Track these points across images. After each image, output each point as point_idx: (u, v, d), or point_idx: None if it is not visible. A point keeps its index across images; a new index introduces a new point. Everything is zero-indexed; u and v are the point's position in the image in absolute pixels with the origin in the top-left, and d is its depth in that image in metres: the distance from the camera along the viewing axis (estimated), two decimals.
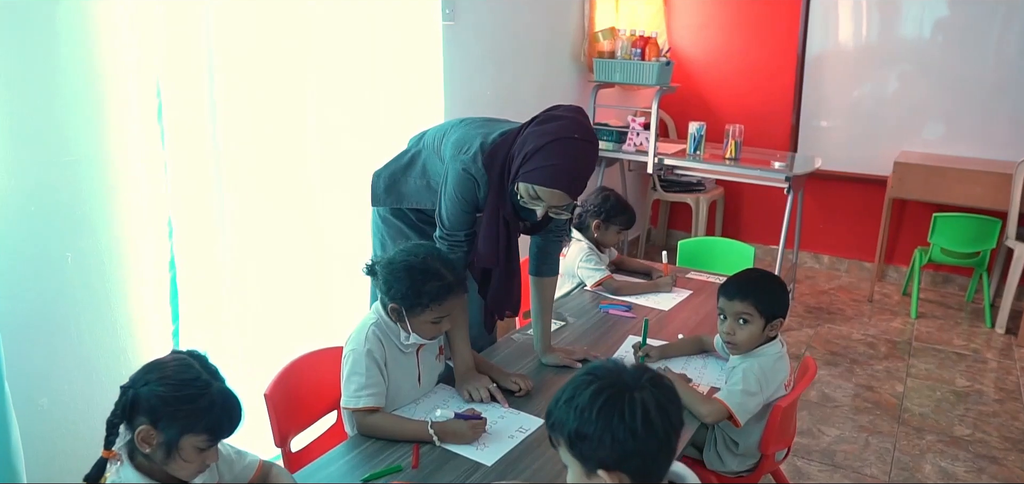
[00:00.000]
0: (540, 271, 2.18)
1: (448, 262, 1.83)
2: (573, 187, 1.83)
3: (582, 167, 1.84)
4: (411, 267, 1.78)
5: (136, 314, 2.06)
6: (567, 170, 1.80)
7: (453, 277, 1.80)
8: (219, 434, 1.38)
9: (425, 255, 1.80)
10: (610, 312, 2.62)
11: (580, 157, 1.82)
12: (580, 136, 1.82)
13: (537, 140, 1.81)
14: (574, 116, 1.88)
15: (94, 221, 1.94)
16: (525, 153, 1.83)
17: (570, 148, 1.81)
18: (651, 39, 4.27)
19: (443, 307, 1.79)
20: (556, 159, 1.79)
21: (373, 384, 1.80)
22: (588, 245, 2.89)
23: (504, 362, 2.20)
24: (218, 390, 1.35)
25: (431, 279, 1.77)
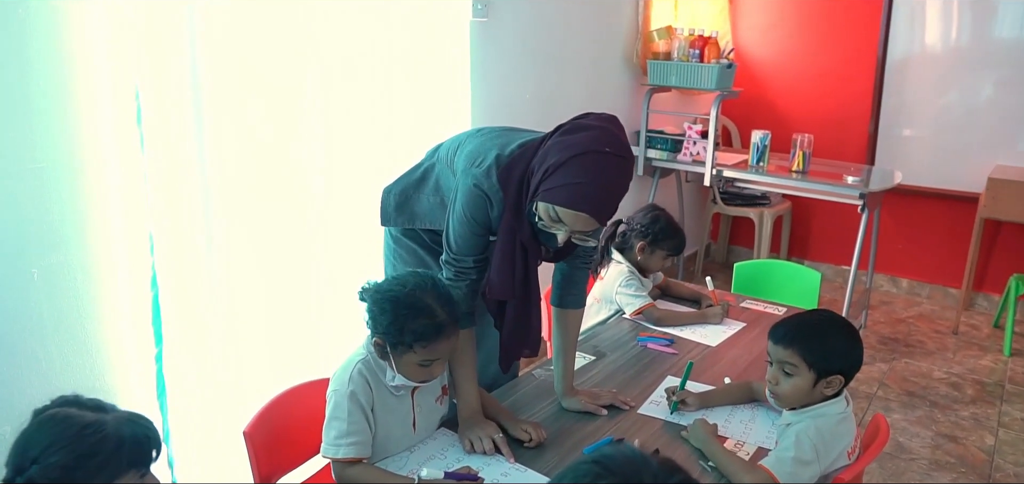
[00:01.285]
0: (563, 302, 1.90)
1: (444, 296, 1.57)
2: (600, 210, 1.55)
3: (612, 187, 1.56)
4: (396, 299, 1.53)
5: (113, 337, 1.88)
6: (594, 190, 1.52)
7: (445, 316, 1.55)
8: (145, 461, 1.18)
9: (416, 286, 1.55)
10: (649, 346, 2.31)
11: (610, 175, 1.54)
12: (612, 150, 1.54)
13: (560, 153, 1.54)
14: (606, 126, 1.59)
15: (64, 234, 1.76)
16: (546, 168, 1.55)
17: (599, 164, 1.52)
18: (711, 39, 3.92)
19: (431, 349, 1.54)
20: (581, 176, 1.52)
21: (356, 431, 1.57)
22: (628, 268, 2.59)
23: (520, 403, 1.93)
24: (115, 420, 1.16)
25: (418, 316, 1.52)
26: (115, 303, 1.87)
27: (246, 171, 2.08)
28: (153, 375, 1.96)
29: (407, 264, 2.02)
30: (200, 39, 1.91)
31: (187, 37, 1.88)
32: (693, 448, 1.72)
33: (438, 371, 1.61)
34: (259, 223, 2.14)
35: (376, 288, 1.56)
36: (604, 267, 2.65)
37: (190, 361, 2.01)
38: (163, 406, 1.98)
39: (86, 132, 1.76)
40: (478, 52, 2.91)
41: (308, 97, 2.20)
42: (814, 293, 2.82)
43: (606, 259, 2.66)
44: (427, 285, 1.56)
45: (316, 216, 2.29)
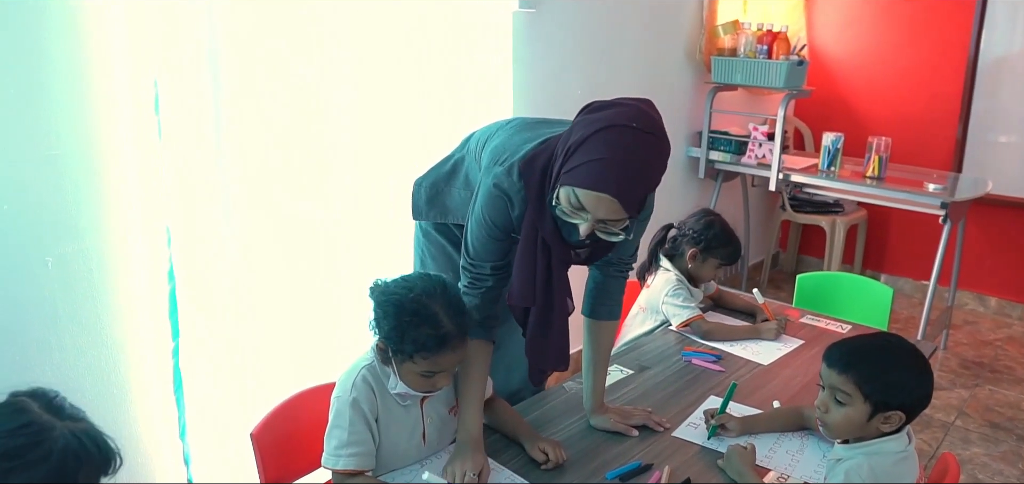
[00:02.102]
0: (596, 312, 1.74)
1: (452, 304, 1.44)
2: (625, 192, 1.34)
3: (640, 166, 1.36)
4: (400, 303, 1.42)
5: (129, 329, 1.84)
6: (617, 169, 1.33)
7: (452, 326, 1.42)
8: (72, 480, 1.10)
9: (423, 291, 1.44)
10: (693, 361, 2.14)
11: (638, 153, 1.35)
12: (640, 126, 1.36)
13: (582, 130, 1.38)
14: (635, 104, 1.42)
15: (80, 223, 1.72)
16: (568, 148, 1.40)
17: (623, 140, 1.34)
18: (780, 34, 3.67)
19: (433, 361, 1.43)
20: (603, 152, 1.34)
21: (358, 441, 1.46)
22: (677, 276, 2.41)
23: (545, 418, 1.79)
24: (66, 431, 1.08)
25: (421, 324, 1.40)
26: (131, 295, 1.83)
27: (268, 163, 2.01)
28: (170, 370, 1.91)
29: (436, 260, 1.91)
30: (221, 27, 1.85)
31: (207, 25, 1.82)
32: (728, 479, 1.55)
33: (443, 383, 1.49)
34: (281, 217, 2.07)
35: (383, 288, 1.45)
36: (651, 274, 2.49)
37: (208, 357, 1.96)
38: (180, 401, 1.94)
39: (103, 120, 1.72)
40: (523, 45, 2.77)
41: (336, 88, 2.12)
42: (884, 311, 2.57)
43: (654, 266, 2.49)
44: (436, 290, 1.44)
45: (342, 211, 2.21)
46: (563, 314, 1.62)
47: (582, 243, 1.48)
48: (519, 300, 1.56)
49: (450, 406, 1.62)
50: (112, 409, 1.84)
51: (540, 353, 1.65)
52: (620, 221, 1.41)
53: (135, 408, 1.88)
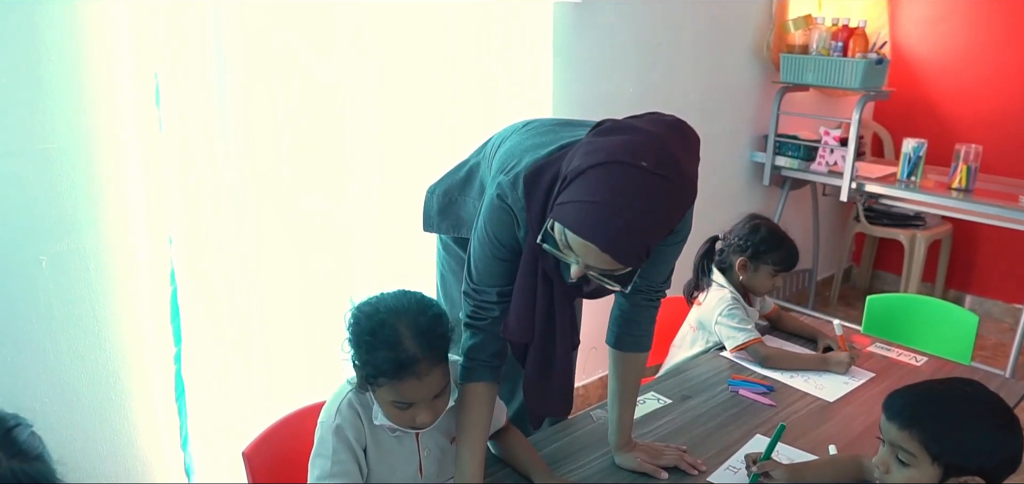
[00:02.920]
0: (622, 343, 1.53)
1: (423, 328, 1.25)
2: (619, 244, 1.13)
3: (642, 216, 1.13)
4: (360, 322, 1.27)
5: (130, 333, 1.75)
6: (610, 217, 1.12)
7: (417, 351, 1.23)
8: None
9: (389, 309, 1.27)
10: (741, 392, 1.91)
11: (640, 199, 1.12)
12: (650, 165, 1.12)
13: (583, 158, 1.18)
14: (657, 131, 1.18)
15: (76, 219, 1.64)
16: (566, 175, 1.21)
17: (625, 182, 1.12)
18: (857, 30, 3.35)
19: (400, 390, 1.26)
20: (597, 194, 1.13)
21: (342, 473, 1.32)
22: (732, 294, 2.17)
23: (565, 451, 1.61)
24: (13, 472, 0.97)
25: (379, 346, 1.23)
26: (132, 297, 1.74)
27: (277, 162, 1.89)
28: (172, 377, 1.81)
29: (457, 276, 1.73)
30: (227, 17, 1.73)
31: (212, 15, 1.71)
32: None
33: (425, 419, 1.31)
34: (289, 218, 1.95)
35: (361, 306, 1.30)
36: (702, 291, 2.25)
37: (211, 364, 1.85)
38: (182, 410, 1.84)
39: (101, 113, 1.63)
40: (566, 38, 2.57)
41: (353, 83, 1.98)
42: (968, 340, 2.27)
43: (705, 281, 2.26)
44: (408, 308, 1.27)
45: (357, 215, 2.07)
46: (567, 353, 1.41)
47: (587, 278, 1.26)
48: (515, 334, 1.37)
49: (452, 436, 1.46)
50: (112, 416, 1.75)
51: (539, 397, 1.45)
52: (615, 270, 1.19)
53: (136, 415, 1.79)
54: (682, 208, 1.18)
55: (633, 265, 1.18)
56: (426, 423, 1.31)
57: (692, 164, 1.20)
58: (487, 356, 1.40)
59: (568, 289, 1.32)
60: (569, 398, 1.47)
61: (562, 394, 1.44)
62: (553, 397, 1.43)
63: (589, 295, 1.37)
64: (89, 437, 1.72)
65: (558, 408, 1.46)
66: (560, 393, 1.43)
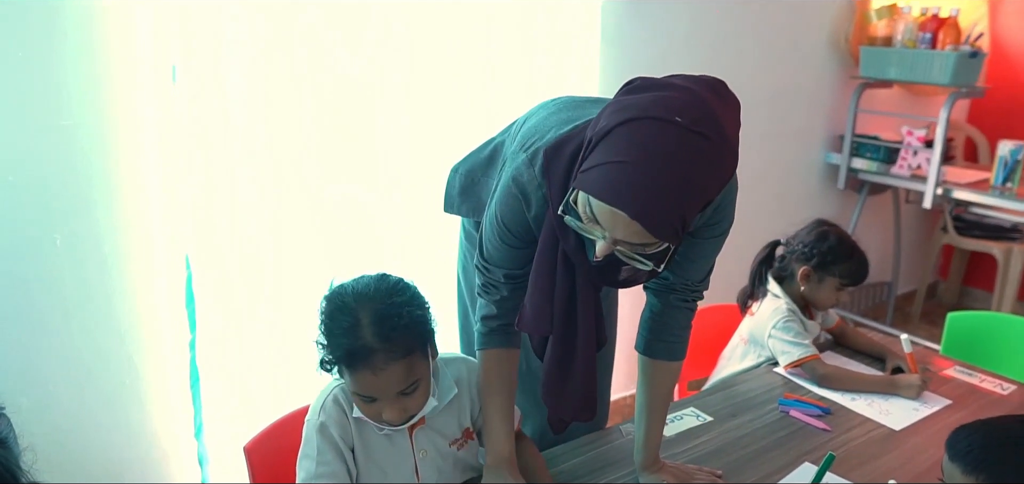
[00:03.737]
0: (651, 349, 1.37)
1: (384, 315, 1.13)
2: (651, 211, 0.97)
3: (678, 179, 0.98)
4: (330, 302, 1.17)
5: (144, 317, 1.72)
6: (641, 178, 0.97)
7: (373, 340, 1.12)
8: None
9: (356, 292, 1.16)
10: (792, 413, 1.71)
11: (676, 159, 0.97)
12: (686, 122, 0.97)
13: (610, 117, 1.03)
14: (690, 88, 1.03)
15: (91, 200, 1.61)
16: (590, 139, 1.06)
17: (657, 139, 0.97)
18: (949, 20, 3.05)
19: (356, 382, 1.15)
20: (625, 153, 0.98)
21: (328, 474, 1.22)
22: (788, 306, 1.97)
23: (584, 468, 1.47)
24: None
25: (338, 332, 1.13)
26: (146, 281, 1.71)
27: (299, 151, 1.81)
28: (187, 364, 1.77)
29: None
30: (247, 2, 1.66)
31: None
32: None
33: (390, 417, 1.18)
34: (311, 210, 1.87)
35: (331, 289, 1.20)
36: (756, 301, 2.06)
37: (226, 353, 1.80)
38: (196, 398, 1.79)
39: (119, 90, 1.59)
40: (616, 25, 2.41)
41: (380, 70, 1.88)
42: None
43: (759, 290, 2.07)
44: (375, 294, 1.16)
45: (382, 202, 1.97)
46: (589, 350, 1.26)
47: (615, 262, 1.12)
48: (531, 327, 1.24)
49: (452, 439, 1.34)
50: (125, 401, 1.72)
51: (558, 397, 1.31)
52: (647, 245, 1.04)
53: (150, 402, 1.76)
54: (723, 175, 1.03)
55: (668, 238, 1.02)
56: (393, 421, 1.20)
57: (733, 128, 1.04)
58: (499, 323, 1.30)
59: (593, 276, 1.17)
60: (592, 401, 1.32)
61: (583, 397, 1.30)
62: (573, 399, 1.29)
63: (619, 283, 1.21)
64: (102, 421, 1.70)
65: (579, 412, 1.32)
66: (581, 395, 1.29)
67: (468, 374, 1.36)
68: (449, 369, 1.34)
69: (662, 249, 1.06)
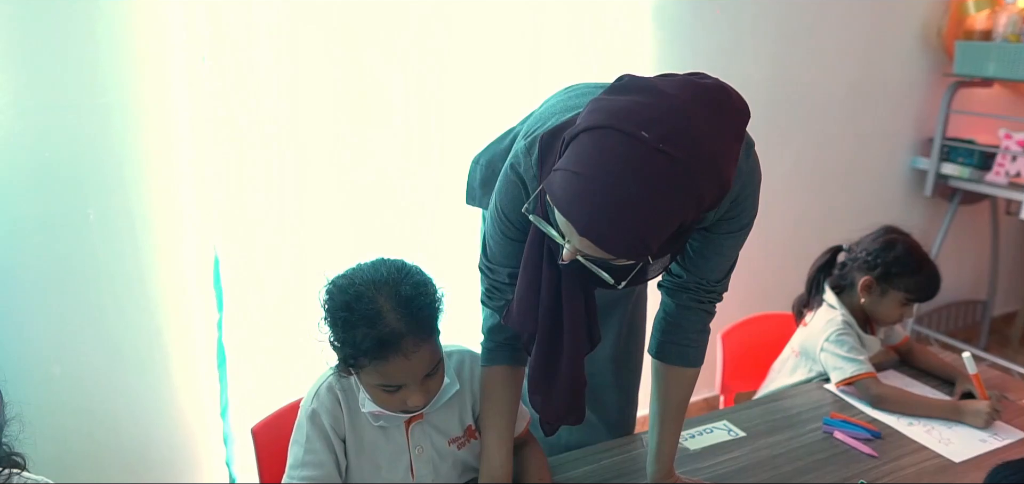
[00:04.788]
0: (664, 353, 1.27)
1: (406, 297, 1.09)
2: (597, 230, 0.90)
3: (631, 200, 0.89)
4: (334, 296, 1.12)
5: (174, 294, 1.75)
6: (593, 195, 0.89)
7: (400, 324, 1.08)
8: None
9: (367, 280, 1.11)
10: (836, 434, 1.57)
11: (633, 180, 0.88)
12: (652, 138, 0.87)
13: (583, 118, 0.96)
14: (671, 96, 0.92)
15: (124, 177, 1.65)
16: (565, 138, 0.99)
17: (615, 155, 0.88)
18: None
19: (385, 372, 1.10)
20: (584, 165, 0.91)
21: (315, 462, 1.19)
22: (844, 317, 1.81)
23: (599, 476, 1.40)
24: None
25: (358, 323, 1.08)
26: (175, 259, 1.74)
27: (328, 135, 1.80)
28: (214, 342, 1.79)
29: None
30: None
31: None
32: None
33: (417, 401, 1.14)
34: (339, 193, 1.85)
35: (333, 278, 1.16)
36: (811, 311, 1.91)
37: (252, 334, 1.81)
38: (223, 377, 1.81)
39: (153, 70, 1.62)
40: (674, 15, 2.29)
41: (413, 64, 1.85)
42: None
43: (815, 299, 1.92)
44: (387, 277, 1.11)
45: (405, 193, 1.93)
46: (576, 351, 1.17)
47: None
48: (517, 323, 1.17)
49: (451, 437, 1.28)
50: (155, 375, 1.76)
51: (544, 396, 1.23)
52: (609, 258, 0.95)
53: (177, 377, 1.79)
54: (694, 198, 0.91)
55: (624, 256, 0.94)
56: (419, 405, 1.15)
57: (722, 143, 0.93)
58: (505, 337, 1.24)
59: (581, 277, 1.09)
60: (578, 404, 1.23)
61: (568, 400, 1.21)
62: (559, 401, 1.21)
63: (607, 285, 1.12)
64: (133, 394, 1.74)
65: (565, 414, 1.24)
66: (568, 397, 1.21)
67: (471, 367, 1.31)
68: (451, 361, 1.29)
69: (627, 265, 0.98)
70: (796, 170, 2.77)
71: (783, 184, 2.73)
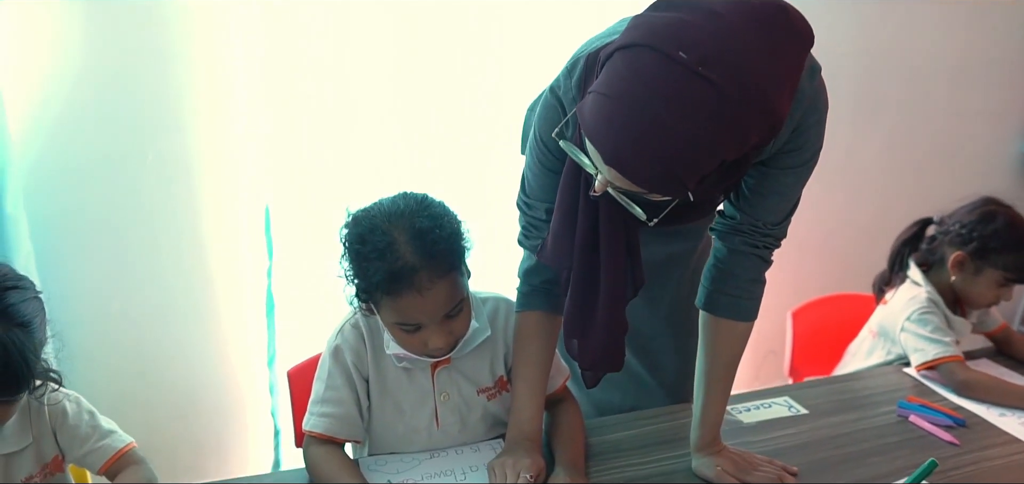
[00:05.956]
0: (712, 303, 1.16)
1: (423, 230, 1.04)
2: (623, 159, 0.83)
3: (663, 128, 0.80)
4: (358, 224, 1.08)
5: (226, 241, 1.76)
6: (621, 117, 0.82)
7: (415, 258, 1.02)
8: None
9: (384, 214, 1.07)
10: (912, 419, 1.41)
11: (667, 105, 0.79)
12: (691, 60, 0.78)
13: (622, 36, 0.87)
14: (718, 14, 0.81)
15: (182, 122, 1.67)
16: (601, 58, 0.90)
17: (652, 77, 0.80)
18: None
19: (400, 308, 1.05)
20: (615, 86, 0.82)
21: (334, 400, 1.16)
22: (929, 294, 1.65)
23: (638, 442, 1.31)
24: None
25: (373, 256, 1.03)
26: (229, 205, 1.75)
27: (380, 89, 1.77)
28: (263, 291, 1.79)
29: None
30: None
31: None
32: None
33: (438, 344, 1.09)
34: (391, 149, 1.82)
35: (355, 211, 1.11)
36: (892, 288, 1.75)
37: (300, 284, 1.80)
38: (271, 326, 1.82)
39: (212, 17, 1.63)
40: None
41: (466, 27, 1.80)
42: None
43: (898, 276, 1.76)
44: (403, 211, 1.06)
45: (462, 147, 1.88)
46: (615, 296, 1.08)
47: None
48: (551, 258, 1.09)
49: (481, 386, 1.22)
50: (205, 320, 1.78)
51: (579, 340, 1.15)
52: (642, 192, 0.87)
53: (226, 325, 1.81)
54: (737, 132, 0.81)
55: (655, 192, 0.86)
56: (441, 348, 1.10)
57: (774, 71, 0.81)
58: (542, 280, 1.17)
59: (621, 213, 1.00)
60: (616, 351, 1.14)
61: (606, 344, 1.12)
62: (594, 346, 1.12)
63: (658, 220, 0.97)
64: (182, 338, 1.77)
65: (600, 360, 1.15)
66: (603, 342, 1.12)
67: (506, 315, 1.24)
68: (484, 307, 1.23)
69: (664, 200, 0.89)
70: (887, 149, 2.56)
71: (872, 162, 2.52)
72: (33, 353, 0.99)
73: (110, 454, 1.09)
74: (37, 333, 1.01)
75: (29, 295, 1.03)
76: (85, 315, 1.66)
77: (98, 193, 1.63)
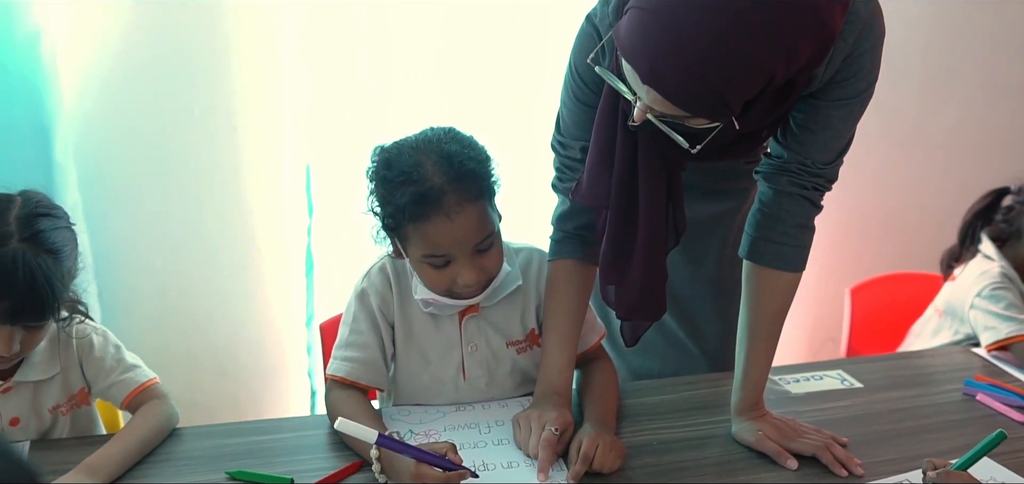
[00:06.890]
0: (756, 252, 1.08)
1: (451, 154, 1.01)
2: (661, 73, 0.78)
3: (706, 37, 0.75)
4: (385, 152, 1.05)
5: (268, 196, 1.76)
6: (659, 29, 0.77)
7: (441, 179, 0.99)
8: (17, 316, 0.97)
9: (414, 143, 1.04)
10: (980, 398, 1.30)
11: (709, 15, 0.75)
12: None
13: None
14: None
15: (230, 76, 1.67)
16: None
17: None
18: None
19: (427, 236, 1.01)
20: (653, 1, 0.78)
21: (357, 344, 1.13)
22: (1002, 270, 1.54)
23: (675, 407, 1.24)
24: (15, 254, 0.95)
25: (399, 180, 1.00)
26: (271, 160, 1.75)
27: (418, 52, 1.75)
28: (304, 248, 1.79)
29: None
30: None
31: None
32: None
33: (467, 278, 1.04)
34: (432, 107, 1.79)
35: (383, 144, 1.08)
36: (962, 264, 1.64)
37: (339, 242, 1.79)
38: (310, 286, 1.81)
39: None
40: None
41: None
42: None
43: (968, 250, 1.64)
44: (434, 137, 1.04)
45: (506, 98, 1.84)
46: (654, 239, 1.02)
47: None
48: (586, 196, 1.04)
49: (510, 339, 1.17)
50: (247, 277, 1.79)
51: (616, 286, 1.09)
52: (684, 118, 0.82)
53: (268, 284, 1.81)
54: (785, 44, 0.76)
55: (697, 113, 0.80)
56: (470, 284, 1.05)
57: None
58: (576, 226, 1.13)
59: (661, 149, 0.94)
60: (656, 297, 1.08)
61: (643, 290, 1.06)
62: (631, 292, 1.07)
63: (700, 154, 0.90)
64: (225, 294, 1.78)
65: (639, 307, 1.09)
66: (640, 288, 1.05)
67: (539, 265, 1.19)
68: (517, 256, 1.19)
69: (706, 127, 0.84)
70: (960, 126, 2.39)
71: (943, 139, 2.36)
72: (60, 281, 0.99)
73: (132, 387, 1.10)
74: (66, 262, 1.02)
75: (61, 224, 1.04)
76: (130, 267, 1.69)
77: (146, 146, 1.65)
